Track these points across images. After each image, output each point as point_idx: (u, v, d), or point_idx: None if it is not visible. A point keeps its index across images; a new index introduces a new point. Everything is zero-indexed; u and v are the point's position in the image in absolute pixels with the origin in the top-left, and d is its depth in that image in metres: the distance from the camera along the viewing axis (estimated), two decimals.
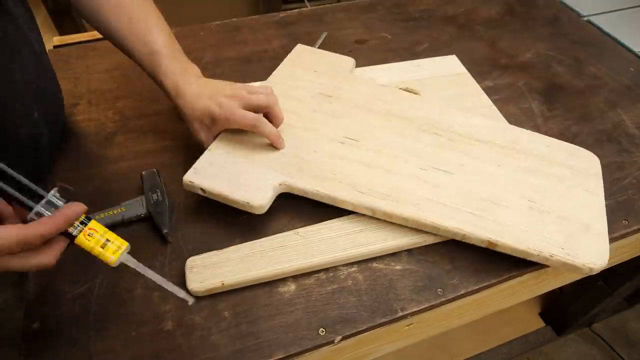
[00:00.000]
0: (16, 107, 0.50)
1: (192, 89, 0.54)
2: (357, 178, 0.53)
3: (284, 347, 0.45)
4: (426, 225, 0.50)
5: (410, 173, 0.54)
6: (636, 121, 0.73)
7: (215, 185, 0.51)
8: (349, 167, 0.54)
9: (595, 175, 0.57)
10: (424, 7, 0.97)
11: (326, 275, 0.51)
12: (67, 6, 1.50)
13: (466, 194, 0.53)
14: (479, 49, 0.86)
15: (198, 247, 0.51)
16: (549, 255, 0.48)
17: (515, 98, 0.75)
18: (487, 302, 0.58)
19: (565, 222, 0.51)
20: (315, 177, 0.52)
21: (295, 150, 0.55)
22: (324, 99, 0.63)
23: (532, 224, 0.50)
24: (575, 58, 0.85)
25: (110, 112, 0.69)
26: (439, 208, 0.51)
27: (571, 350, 1.27)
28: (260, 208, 0.50)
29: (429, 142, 0.58)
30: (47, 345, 0.44)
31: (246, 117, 0.52)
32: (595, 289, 1.11)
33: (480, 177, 0.55)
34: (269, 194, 0.50)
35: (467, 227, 0.49)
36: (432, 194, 0.52)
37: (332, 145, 0.56)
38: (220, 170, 0.52)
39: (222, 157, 0.54)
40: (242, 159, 0.54)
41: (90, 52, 0.80)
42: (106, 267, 0.49)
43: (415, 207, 0.50)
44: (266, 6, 1.94)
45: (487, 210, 0.51)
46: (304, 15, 0.93)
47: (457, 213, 0.50)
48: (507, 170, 0.56)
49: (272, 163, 0.54)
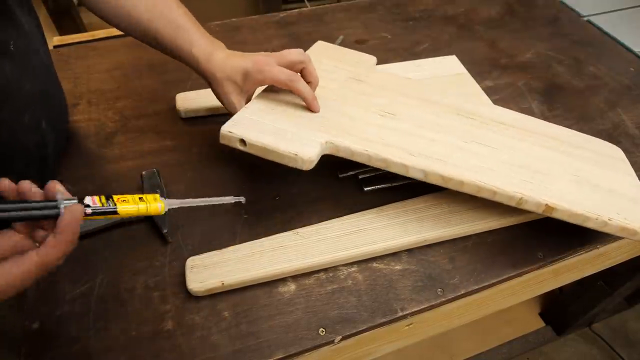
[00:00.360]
0: (25, 117, 0.50)
1: (224, 53, 0.53)
2: (404, 143, 0.50)
3: (284, 347, 0.45)
4: (483, 189, 0.48)
5: (455, 144, 0.53)
6: (636, 121, 0.73)
7: (257, 137, 0.46)
8: (393, 134, 0.52)
9: (623, 160, 0.59)
10: (424, 7, 0.97)
11: (326, 275, 0.51)
12: (67, 6, 1.50)
13: (513, 164, 0.51)
14: (479, 49, 0.86)
15: (198, 247, 0.51)
16: (607, 219, 0.47)
17: (515, 98, 0.75)
18: (487, 302, 0.58)
19: (615, 194, 0.51)
20: (360, 139, 0.49)
21: (335, 116, 0.53)
22: (354, 82, 0.61)
23: (584, 193, 0.50)
24: (575, 58, 0.85)
25: (110, 112, 0.69)
26: (493, 174, 0.49)
27: (571, 350, 1.27)
28: (309, 162, 0.46)
29: (464, 123, 0.57)
30: (47, 345, 0.44)
31: (282, 72, 0.50)
32: (595, 289, 1.11)
33: (521, 153, 0.54)
34: (317, 149, 0.47)
35: (525, 191, 0.47)
36: (482, 162, 0.51)
37: (372, 116, 0.54)
38: (261, 125, 0.48)
39: (260, 113, 0.50)
40: (282, 118, 0.50)
41: (90, 52, 0.80)
42: (106, 267, 0.50)
43: (471, 171, 0.48)
44: (266, 6, 1.94)
45: (539, 179, 0.50)
46: (304, 15, 0.93)
47: (511, 179, 0.49)
48: (544, 149, 0.56)
49: (313, 124, 0.50)
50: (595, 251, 0.57)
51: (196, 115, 0.68)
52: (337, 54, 0.68)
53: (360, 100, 0.57)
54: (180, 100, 0.68)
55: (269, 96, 0.54)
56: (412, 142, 0.51)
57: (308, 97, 0.51)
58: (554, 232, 0.55)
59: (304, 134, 0.48)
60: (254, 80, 0.51)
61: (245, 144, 0.47)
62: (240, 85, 0.52)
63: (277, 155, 0.46)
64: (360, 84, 0.60)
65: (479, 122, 0.58)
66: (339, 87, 0.59)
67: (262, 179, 0.59)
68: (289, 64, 0.51)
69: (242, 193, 0.58)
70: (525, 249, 0.54)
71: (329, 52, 0.68)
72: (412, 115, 0.57)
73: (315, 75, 0.54)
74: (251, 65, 0.50)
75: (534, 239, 0.54)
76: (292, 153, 0.45)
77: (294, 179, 0.59)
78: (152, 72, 0.75)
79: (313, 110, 0.52)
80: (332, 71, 0.62)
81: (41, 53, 0.53)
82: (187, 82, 0.73)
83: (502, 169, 0.50)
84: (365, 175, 0.58)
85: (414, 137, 0.52)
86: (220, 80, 0.52)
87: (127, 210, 0.38)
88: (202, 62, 0.52)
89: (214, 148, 0.64)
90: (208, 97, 0.69)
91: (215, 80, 0.53)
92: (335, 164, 0.55)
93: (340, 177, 0.59)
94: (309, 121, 0.51)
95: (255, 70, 0.50)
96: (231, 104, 0.53)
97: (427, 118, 0.56)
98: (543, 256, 0.54)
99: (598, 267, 0.67)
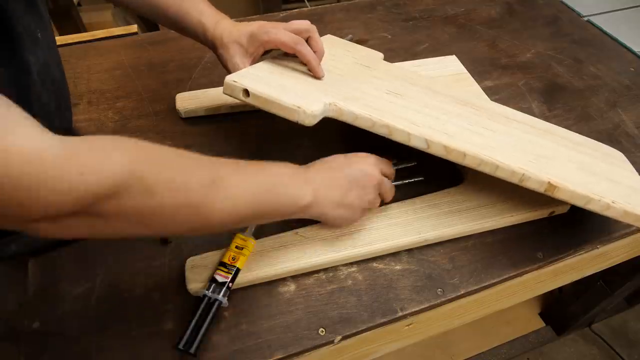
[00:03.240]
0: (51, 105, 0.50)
1: (231, 21, 0.54)
2: (410, 116, 0.50)
3: (284, 347, 0.45)
4: (486, 163, 0.46)
5: (460, 125, 0.52)
6: (636, 121, 0.73)
7: (262, 88, 0.45)
8: (399, 108, 0.51)
9: (624, 161, 0.59)
10: (424, 7, 0.97)
11: (326, 275, 0.51)
12: (67, 6, 1.49)
13: (517, 147, 0.51)
14: (479, 49, 0.86)
15: (198, 247, 0.51)
16: (610, 202, 0.45)
17: (515, 98, 0.75)
18: (487, 302, 0.58)
19: (616, 183, 0.51)
20: (367, 106, 0.48)
21: (342, 86, 0.52)
22: (363, 67, 0.60)
23: (587, 177, 0.49)
24: (575, 58, 0.85)
25: (110, 112, 0.69)
26: (496, 151, 0.48)
27: (571, 350, 1.27)
28: (312, 116, 0.44)
29: (470, 112, 0.57)
30: (47, 345, 0.44)
31: (287, 34, 0.50)
32: (595, 289, 1.11)
33: (526, 140, 0.54)
34: (320, 106, 0.45)
35: (529, 167, 0.46)
36: (486, 140, 0.50)
37: (379, 93, 0.54)
38: (266, 80, 0.48)
39: (266, 73, 0.49)
40: (287, 78, 0.49)
41: (90, 52, 0.80)
42: (106, 267, 0.50)
43: (474, 145, 0.47)
44: (266, 6, 1.94)
45: (543, 161, 0.49)
46: (304, 15, 0.93)
47: (515, 157, 0.48)
48: (548, 143, 0.55)
49: (320, 88, 0.50)
50: (595, 251, 0.57)
51: (196, 115, 0.68)
52: (345, 47, 0.68)
53: (369, 80, 0.57)
54: (180, 100, 0.68)
55: (276, 61, 0.54)
56: (417, 116, 0.51)
57: (312, 61, 0.51)
58: (554, 232, 0.56)
59: (310, 93, 0.48)
60: (259, 41, 0.51)
61: (248, 95, 0.46)
62: (246, 47, 0.52)
63: (280, 107, 0.45)
64: (368, 69, 0.60)
65: (485, 114, 0.58)
66: (348, 69, 0.58)
67: None
68: (295, 31, 0.52)
69: None
70: (525, 249, 0.54)
71: (337, 44, 0.68)
72: (419, 98, 0.56)
73: (321, 45, 0.54)
74: (257, 27, 0.51)
75: (534, 239, 0.54)
76: (295, 105, 0.44)
77: None
78: (152, 72, 0.75)
79: (317, 74, 0.52)
80: (341, 57, 0.62)
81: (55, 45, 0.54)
82: (187, 82, 0.73)
83: (507, 148, 0.50)
84: None
85: (420, 114, 0.52)
86: (227, 44, 0.53)
87: (242, 263, 0.47)
88: (210, 28, 0.53)
89: (214, 148, 0.64)
90: (208, 97, 0.69)
91: (222, 44, 0.53)
92: None
93: None
94: (315, 86, 0.50)
95: (261, 32, 0.51)
96: (235, 66, 0.53)
97: (433, 103, 0.56)
98: (543, 256, 0.54)
99: (598, 267, 0.67)
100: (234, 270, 0.46)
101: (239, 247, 0.48)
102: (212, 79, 0.73)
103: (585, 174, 0.50)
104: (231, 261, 0.47)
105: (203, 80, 0.74)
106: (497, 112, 0.60)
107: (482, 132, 0.52)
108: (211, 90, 0.70)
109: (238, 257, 0.47)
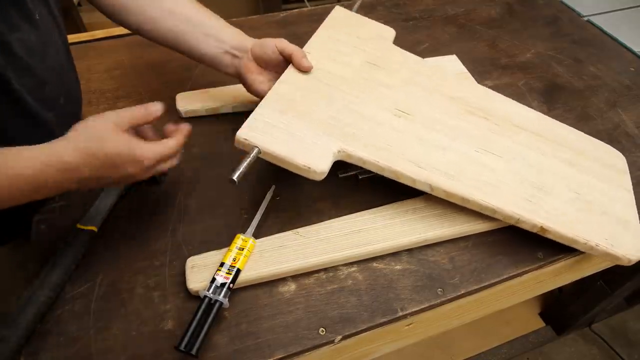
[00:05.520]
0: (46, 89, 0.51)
1: None
2: (414, 152, 0.52)
3: (284, 346, 0.45)
4: (485, 208, 0.51)
5: (465, 153, 0.54)
6: (636, 121, 0.73)
7: (272, 145, 0.47)
8: (404, 139, 0.53)
9: (624, 172, 0.60)
10: (424, 7, 0.97)
11: (326, 275, 0.51)
12: (67, 6, 1.49)
13: (518, 178, 0.53)
14: (479, 49, 0.86)
15: (198, 247, 0.51)
16: (594, 245, 0.50)
17: (516, 98, 0.75)
18: (487, 302, 0.58)
19: (607, 217, 0.53)
20: (372, 146, 0.51)
21: (347, 116, 0.53)
22: (371, 67, 0.61)
23: (578, 215, 0.52)
24: (575, 58, 0.85)
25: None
26: (495, 191, 0.51)
27: (571, 350, 1.27)
28: (320, 174, 0.47)
29: (476, 124, 0.58)
30: (47, 345, 0.44)
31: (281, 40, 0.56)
32: (595, 289, 1.11)
33: (528, 164, 0.56)
34: (329, 160, 0.48)
35: (523, 212, 0.50)
36: (488, 176, 0.53)
37: (385, 114, 0.55)
38: (275, 130, 0.49)
39: (275, 115, 0.50)
40: (295, 120, 0.51)
41: (90, 52, 0.80)
42: (106, 267, 0.50)
43: (474, 189, 0.51)
44: (266, 6, 1.94)
45: (539, 198, 0.52)
46: (304, 15, 0.93)
47: (512, 197, 0.51)
48: (550, 160, 0.57)
49: (326, 127, 0.51)
50: None
51: (196, 115, 0.68)
52: (355, 25, 0.67)
53: (377, 93, 0.58)
54: (180, 100, 0.68)
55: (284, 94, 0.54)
56: (421, 151, 0.52)
57: (297, 54, 0.55)
58: None
59: (318, 140, 0.50)
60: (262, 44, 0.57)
61: (260, 152, 0.48)
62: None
63: (291, 165, 0.48)
64: (375, 70, 0.61)
65: (493, 124, 0.59)
66: (354, 76, 0.59)
67: (262, 179, 0.59)
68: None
69: (242, 193, 0.58)
70: (525, 249, 0.54)
71: (346, 22, 0.67)
72: (425, 113, 0.57)
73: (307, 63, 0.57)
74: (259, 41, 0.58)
75: (534, 239, 0.54)
76: (306, 166, 0.47)
77: (294, 179, 0.59)
78: (152, 72, 0.75)
79: (303, 67, 0.55)
80: (349, 53, 0.62)
81: (63, 31, 0.55)
82: (187, 82, 0.73)
83: (508, 183, 0.52)
84: (365, 175, 0.58)
85: (425, 143, 0.53)
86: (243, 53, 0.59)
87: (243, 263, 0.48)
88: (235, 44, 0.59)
89: (214, 148, 0.64)
90: (208, 97, 0.69)
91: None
92: (336, 164, 0.55)
93: (340, 176, 0.59)
94: (322, 123, 0.51)
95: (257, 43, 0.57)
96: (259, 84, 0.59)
97: (440, 118, 0.57)
98: (543, 256, 0.54)
99: (598, 267, 0.67)
100: (235, 271, 0.46)
101: (240, 247, 0.48)
102: (212, 79, 0.73)
103: (579, 208, 0.53)
104: (232, 262, 0.47)
105: (203, 80, 0.74)
106: (502, 117, 0.60)
107: (486, 161, 0.54)
108: (211, 90, 0.70)
109: (238, 257, 0.47)
